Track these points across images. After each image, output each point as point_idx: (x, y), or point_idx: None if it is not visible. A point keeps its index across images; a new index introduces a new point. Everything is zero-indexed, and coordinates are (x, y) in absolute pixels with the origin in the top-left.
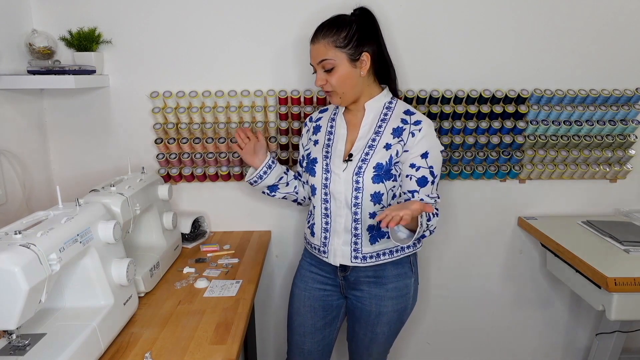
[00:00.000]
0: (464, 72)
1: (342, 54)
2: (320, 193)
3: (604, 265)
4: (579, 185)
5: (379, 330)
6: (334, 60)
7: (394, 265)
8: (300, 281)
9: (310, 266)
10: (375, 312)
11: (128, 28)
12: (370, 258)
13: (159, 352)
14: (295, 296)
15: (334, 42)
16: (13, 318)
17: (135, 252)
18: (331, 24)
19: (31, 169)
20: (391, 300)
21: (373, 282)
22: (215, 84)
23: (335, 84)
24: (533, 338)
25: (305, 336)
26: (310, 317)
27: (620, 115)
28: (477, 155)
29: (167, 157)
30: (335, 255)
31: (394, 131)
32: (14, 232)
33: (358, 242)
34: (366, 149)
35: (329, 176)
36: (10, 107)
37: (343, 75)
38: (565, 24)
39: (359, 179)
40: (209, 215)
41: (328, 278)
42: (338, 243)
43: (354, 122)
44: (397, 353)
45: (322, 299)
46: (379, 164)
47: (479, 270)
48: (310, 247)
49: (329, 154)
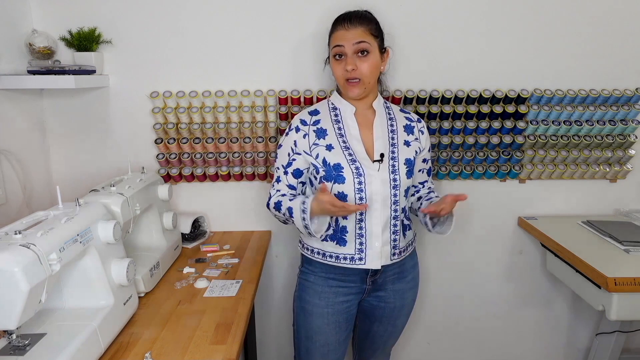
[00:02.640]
0: (464, 72)
1: (375, 42)
2: (355, 198)
3: (604, 265)
4: (579, 185)
5: (399, 322)
6: (370, 45)
7: (410, 257)
8: (319, 299)
9: (327, 280)
10: (398, 307)
11: (128, 28)
12: (404, 251)
13: (159, 352)
14: (314, 315)
15: (370, 30)
16: (13, 318)
17: (135, 252)
18: (361, 15)
19: (31, 169)
20: (410, 291)
21: (396, 277)
22: (215, 84)
23: (365, 71)
24: (533, 338)
25: (329, 354)
26: (335, 333)
27: (620, 115)
28: (477, 155)
29: (167, 157)
30: (374, 259)
31: (405, 128)
32: (14, 232)
33: (397, 239)
34: (391, 147)
35: (363, 180)
36: (10, 107)
37: (374, 63)
38: (565, 24)
39: (396, 176)
40: (209, 215)
41: (352, 287)
42: (378, 245)
43: (364, 122)
44: (397, 353)
45: (346, 311)
46: (408, 159)
47: (479, 270)
48: (334, 260)
49: (353, 157)
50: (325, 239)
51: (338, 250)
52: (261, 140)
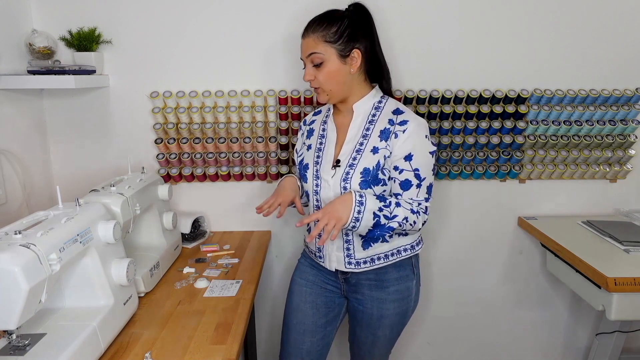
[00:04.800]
0: (464, 72)
1: (331, 49)
2: (313, 199)
3: (604, 265)
4: (579, 185)
5: (381, 333)
6: (322, 55)
7: (396, 268)
8: (301, 277)
9: (311, 267)
10: (377, 315)
11: (128, 28)
12: (364, 263)
13: (159, 352)
14: (294, 292)
15: (323, 37)
16: (13, 318)
17: (135, 252)
18: (322, 18)
19: (31, 169)
20: (393, 303)
21: (374, 285)
22: (215, 84)
23: (322, 80)
24: (533, 338)
25: (305, 334)
26: (311, 314)
27: (620, 115)
28: (477, 155)
29: (167, 157)
30: (330, 260)
31: (381, 133)
32: (14, 232)
33: (350, 248)
34: (354, 154)
35: (319, 182)
36: (10, 107)
37: (331, 71)
38: (565, 24)
39: (347, 185)
40: (209, 215)
41: (329, 280)
42: (332, 249)
43: (344, 124)
44: (397, 353)
45: (324, 295)
46: (366, 169)
47: (479, 270)
48: (308, 251)
49: (319, 160)
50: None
51: (309, 244)
52: (261, 140)
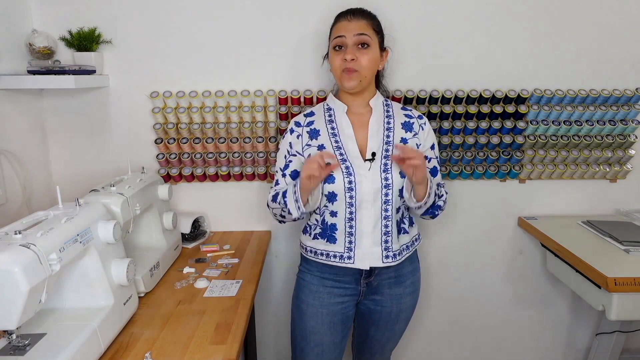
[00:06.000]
0: (464, 72)
1: (376, 37)
2: (344, 197)
3: (604, 265)
4: (579, 185)
5: (398, 328)
6: (371, 39)
7: (409, 261)
8: (313, 298)
9: (322, 280)
10: (395, 311)
11: (128, 28)
12: (399, 255)
13: (159, 352)
14: (308, 315)
15: (372, 24)
16: (13, 318)
17: (135, 252)
18: (364, 11)
19: (31, 169)
20: (409, 296)
21: (393, 282)
22: (215, 84)
23: (364, 63)
24: (533, 338)
25: (324, 354)
26: (330, 334)
27: (620, 115)
28: (477, 155)
29: (167, 157)
30: (363, 258)
31: (403, 125)
32: (14, 232)
33: (389, 240)
34: (384, 146)
35: (353, 179)
36: (10, 107)
37: (373, 57)
38: (565, 24)
39: (388, 175)
40: (209, 215)
41: (347, 288)
42: (367, 245)
43: (359, 121)
44: (397, 353)
45: (341, 312)
46: None
47: (479, 270)
48: (324, 258)
49: (344, 156)
50: (315, 237)
51: (328, 248)
52: (261, 140)
